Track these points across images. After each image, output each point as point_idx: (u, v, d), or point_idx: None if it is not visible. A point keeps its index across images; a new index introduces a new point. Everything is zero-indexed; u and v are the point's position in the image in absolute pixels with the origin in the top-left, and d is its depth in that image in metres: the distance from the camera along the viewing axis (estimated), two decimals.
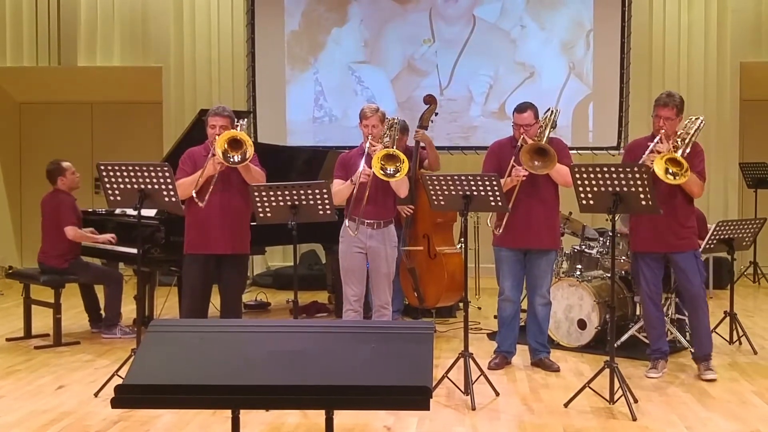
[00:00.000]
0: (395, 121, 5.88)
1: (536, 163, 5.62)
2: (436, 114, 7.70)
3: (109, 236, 7.15)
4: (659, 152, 5.41)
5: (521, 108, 5.94)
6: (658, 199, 5.21)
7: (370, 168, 5.51)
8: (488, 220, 6.02)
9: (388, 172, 5.46)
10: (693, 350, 5.98)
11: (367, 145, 5.66)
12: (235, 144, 5.40)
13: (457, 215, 7.49)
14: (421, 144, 7.41)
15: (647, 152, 5.49)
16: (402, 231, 7.39)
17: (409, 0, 10.55)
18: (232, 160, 5.39)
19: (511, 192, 5.72)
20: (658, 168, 5.25)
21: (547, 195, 5.93)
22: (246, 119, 6.01)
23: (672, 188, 5.50)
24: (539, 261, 5.98)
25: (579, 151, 10.17)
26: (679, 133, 5.58)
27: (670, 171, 5.27)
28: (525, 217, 5.82)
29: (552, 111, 5.95)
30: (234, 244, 5.79)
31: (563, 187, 5.94)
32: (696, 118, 5.65)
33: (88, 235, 7.17)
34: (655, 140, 5.53)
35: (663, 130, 5.52)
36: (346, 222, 5.82)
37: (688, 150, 5.45)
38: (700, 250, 6.08)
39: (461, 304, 6.98)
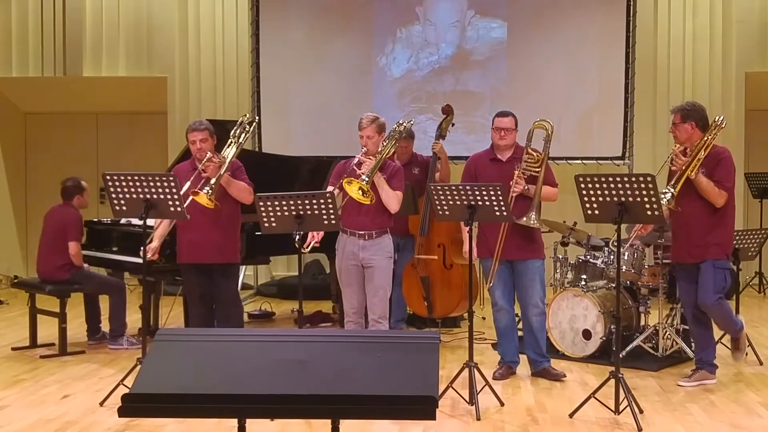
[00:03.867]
0: (401, 127, 5.85)
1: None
2: (453, 125, 7.73)
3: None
4: (674, 167, 5.57)
5: (502, 113, 6.07)
6: (683, 211, 5.47)
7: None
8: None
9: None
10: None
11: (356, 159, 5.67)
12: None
13: None
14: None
15: (664, 163, 5.67)
16: (415, 240, 7.39)
17: (415, 11, 10.58)
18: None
19: None
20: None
21: (526, 207, 5.89)
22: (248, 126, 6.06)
23: (691, 199, 5.54)
24: (524, 271, 5.99)
25: (583, 161, 10.18)
26: (704, 139, 5.58)
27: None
28: (502, 229, 5.82)
29: (547, 137, 5.95)
30: (221, 254, 5.90)
31: (562, 197, 6.12)
32: (715, 121, 5.66)
33: (81, 260, 7.19)
34: (668, 157, 5.66)
35: (677, 145, 5.64)
36: (340, 234, 5.84)
37: (689, 164, 5.51)
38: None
39: (466, 314, 6.99)
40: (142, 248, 5.68)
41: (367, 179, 5.44)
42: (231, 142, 5.88)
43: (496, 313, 6.13)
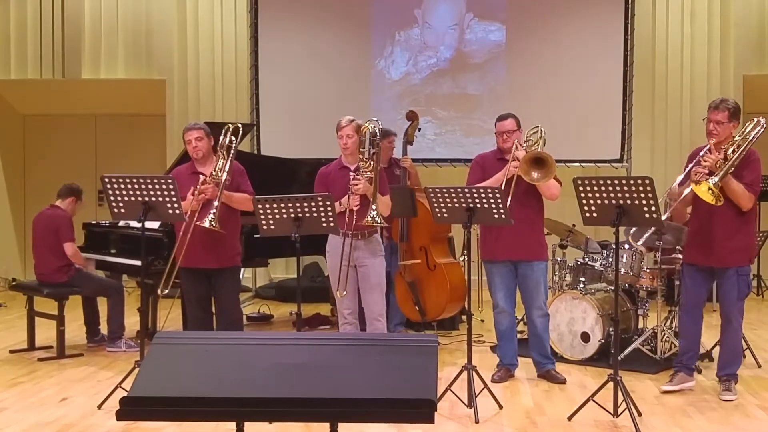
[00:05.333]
0: (368, 128, 5.70)
1: (534, 174, 5.69)
2: (419, 129, 7.78)
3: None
4: (706, 163, 5.34)
5: (503, 116, 6.06)
6: (706, 211, 5.34)
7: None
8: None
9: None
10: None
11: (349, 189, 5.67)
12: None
13: (450, 227, 7.53)
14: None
15: (693, 163, 5.43)
16: (398, 245, 7.39)
17: (413, 13, 10.59)
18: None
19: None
20: (700, 194, 5.23)
21: (531, 207, 5.93)
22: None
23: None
24: (530, 272, 5.98)
25: (582, 164, 10.19)
26: (734, 139, 5.43)
27: (714, 192, 5.21)
28: (509, 230, 5.75)
29: (539, 130, 5.94)
30: (220, 259, 5.89)
31: (561, 199, 6.05)
32: (755, 122, 5.46)
33: (83, 259, 7.20)
34: (702, 151, 5.45)
35: (712, 141, 5.43)
36: (331, 236, 5.84)
37: (735, 161, 5.31)
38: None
39: (464, 317, 6.98)
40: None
41: (376, 217, 5.50)
42: (220, 155, 5.79)
43: (497, 315, 6.11)
